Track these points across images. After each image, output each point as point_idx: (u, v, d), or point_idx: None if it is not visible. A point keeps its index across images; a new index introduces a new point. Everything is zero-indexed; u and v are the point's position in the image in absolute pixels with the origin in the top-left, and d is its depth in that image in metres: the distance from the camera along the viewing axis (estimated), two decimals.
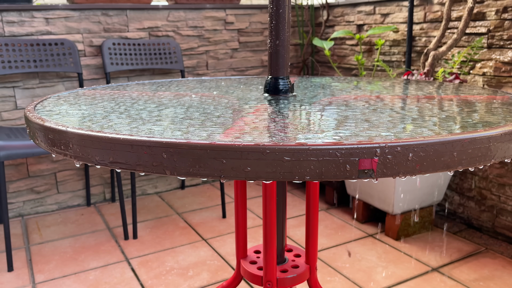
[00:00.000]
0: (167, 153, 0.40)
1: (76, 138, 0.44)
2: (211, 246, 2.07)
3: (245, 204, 0.85)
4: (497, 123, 0.48)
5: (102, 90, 0.86)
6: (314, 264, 0.85)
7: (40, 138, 0.50)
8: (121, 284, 1.77)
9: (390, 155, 0.38)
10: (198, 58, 2.73)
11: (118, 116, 0.57)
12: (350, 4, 2.70)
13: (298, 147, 0.37)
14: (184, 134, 0.44)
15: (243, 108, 0.61)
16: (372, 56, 2.62)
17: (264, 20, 2.88)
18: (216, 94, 0.78)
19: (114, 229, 2.26)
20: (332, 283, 1.75)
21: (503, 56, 1.95)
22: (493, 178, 2.07)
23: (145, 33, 2.54)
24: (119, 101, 0.70)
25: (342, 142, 0.38)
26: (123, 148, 0.41)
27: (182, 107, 0.63)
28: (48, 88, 2.36)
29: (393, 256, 1.94)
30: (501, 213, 2.05)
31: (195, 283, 1.76)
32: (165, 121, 0.53)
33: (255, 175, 0.38)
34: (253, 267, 0.83)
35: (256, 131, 0.46)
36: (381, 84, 0.92)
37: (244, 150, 0.38)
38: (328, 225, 2.27)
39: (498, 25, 1.95)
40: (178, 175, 0.40)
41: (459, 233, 2.16)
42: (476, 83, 2.09)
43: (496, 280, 1.75)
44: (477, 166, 0.42)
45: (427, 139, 0.40)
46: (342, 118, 0.52)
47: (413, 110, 0.58)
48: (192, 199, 2.65)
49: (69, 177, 2.49)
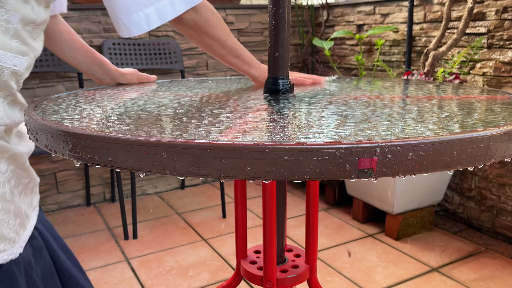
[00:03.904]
0: (167, 153, 0.40)
1: (76, 138, 0.44)
2: (211, 246, 2.07)
3: (245, 204, 0.85)
4: (497, 122, 0.48)
5: (102, 90, 0.86)
6: (314, 264, 0.85)
7: (40, 138, 0.50)
8: (121, 284, 1.77)
9: (390, 155, 0.38)
10: (198, 58, 2.73)
11: (118, 116, 0.57)
12: (350, 4, 2.70)
13: (298, 147, 0.37)
14: (184, 134, 0.44)
15: (243, 108, 0.61)
16: (372, 56, 2.62)
17: (264, 20, 2.88)
18: (216, 94, 0.78)
19: (114, 229, 2.26)
20: (332, 283, 1.75)
21: (503, 56, 1.95)
22: (493, 178, 2.07)
23: (145, 33, 2.54)
24: (119, 101, 0.70)
25: (342, 142, 0.38)
26: (123, 148, 0.41)
27: (182, 107, 0.63)
28: (48, 88, 2.36)
29: (393, 256, 1.94)
30: (501, 213, 2.05)
31: (195, 283, 1.76)
32: (165, 121, 0.53)
33: (255, 175, 0.38)
34: (253, 267, 0.83)
35: (256, 130, 0.46)
36: (381, 84, 0.92)
37: (243, 149, 0.38)
38: (328, 225, 2.27)
39: (498, 25, 1.95)
40: (178, 175, 0.40)
41: (459, 233, 2.16)
42: (476, 83, 2.09)
43: (496, 280, 1.75)
44: (476, 166, 0.42)
45: (427, 138, 0.40)
46: (342, 118, 0.52)
47: (413, 110, 0.58)
48: (192, 199, 2.65)
49: (69, 177, 2.49)
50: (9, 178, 0.68)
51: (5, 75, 0.66)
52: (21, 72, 0.69)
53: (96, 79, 0.95)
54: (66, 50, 0.92)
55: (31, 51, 0.71)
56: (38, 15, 0.70)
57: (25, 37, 0.68)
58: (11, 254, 0.67)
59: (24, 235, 0.71)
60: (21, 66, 0.68)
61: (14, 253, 0.68)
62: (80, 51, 0.93)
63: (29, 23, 0.69)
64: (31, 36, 0.70)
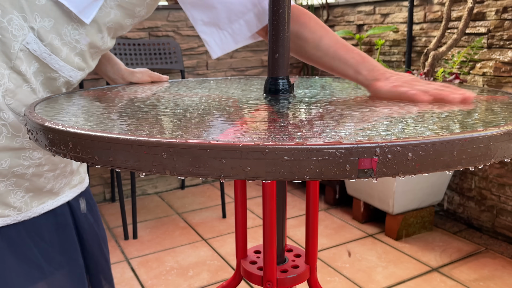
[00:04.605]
0: (167, 153, 0.40)
1: (76, 138, 0.44)
2: (211, 246, 2.07)
3: (245, 204, 0.85)
4: (497, 122, 0.48)
5: (102, 90, 0.86)
6: (314, 264, 0.85)
7: (40, 138, 0.50)
8: (121, 284, 1.77)
9: (390, 155, 0.38)
10: (198, 58, 2.73)
11: (118, 116, 0.57)
12: (350, 4, 2.70)
13: (298, 147, 0.37)
14: (184, 134, 0.44)
15: (243, 108, 0.61)
16: (372, 56, 2.62)
17: None
18: (216, 94, 0.78)
19: (114, 229, 2.26)
20: (332, 283, 1.75)
21: (503, 56, 1.95)
22: (493, 178, 2.07)
23: (145, 33, 2.54)
24: (119, 101, 0.70)
25: (342, 142, 0.38)
26: (123, 148, 0.41)
27: (181, 107, 0.63)
28: None
29: (393, 256, 1.94)
30: (501, 213, 2.05)
31: (195, 283, 1.76)
32: (164, 121, 0.53)
33: (255, 175, 0.38)
34: (253, 267, 0.83)
35: (256, 130, 0.46)
36: None
37: (243, 149, 0.38)
38: (328, 225, 2.27)
39: (498, 25, 1.95)
40: (178, 175, 0.40)
41: (459, 233, 2.16)
42: (476, 83, 2.09)
43: (496, 280, 1.75)
44: (477, 166, 0.42)
45: (427, 138, 0.40)
46: (342, 118, 0.52)
47: (413, 110, 0.58)
48: (192, 199, 2.65)
49: None
50: (41, 164, 0.77)
51: (59, 82, 0.77)
52: (73, 82, 0.80)
53: (108, 78, 0.99)
54: None
55: (87, 68, 0.80)
56: (104, 43, 0.79)
57: (86, 57, 0.78)
58: (15, 220, 0.76)
59: (38, 207, 0.80)
60: (75, 78, 0.79)
61: (18, 220, 0.76)
62: None
63: (95, 47, 0.78)
64: (91, 56, 0.80)
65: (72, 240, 0.86)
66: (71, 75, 0.77)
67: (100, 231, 0.94)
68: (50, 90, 0.77)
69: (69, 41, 0.74)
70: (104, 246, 0.95)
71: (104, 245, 0.95)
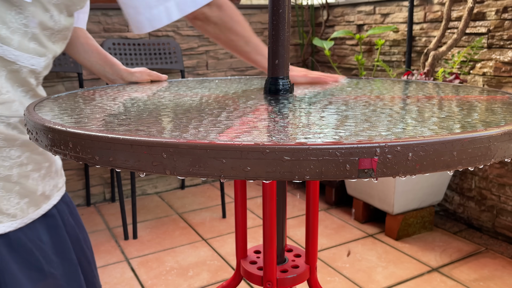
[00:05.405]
0: (167, 153, 0.40)
1: (76, 138, 0.44)
2: (211, 246, 2.07)
3: (245, 204, 0.85)
4: (497, 122, 0.48)
5: (102, 90, 0.86)
6: (314, 264, 0.85)
7: (40, 138, 0.50)
8: (121, 284, 1.77)
9: (390, 155, 0.38)
10: (198, 58, 2.73)
11: (118, 116, 0.57)
12: (350, 4, 2.70)
13: (298, 147, 0.37)
14: (184, 134, 0.44)
15: (243, 108, 0.61)
16: (372, 56, 2.62)
17: (264, 20, 2.87)
18: (216, 94, 0.78)
19: (114, 229, 2.26)
20: (332, 283, 1.75)
21: (503, 56, 1.95)
22: (493, 178, 2.07)
23: (145, 33, 2.54)
24: (119, 101, 0.70)
25: (342, 142, 0.38)
26: (123, 148, 0.41)
27: (181, 107, 0.63)
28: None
29: (393, 256, 1.94)
30: (501, 213, 2.05)
31: (195, 283, 1.76)
32: (165, 121, 0.53)
33: (255, 175, 0.38)
34: (253, 267, 0.83)
35: (256, 130, 0.46)
36: (381, 84, 0.92)
37: (244, 149, 0.38)
38: (328, 225, 2.27)
39: (498, 25, 1.95)
40: (178, 175, 0.40)
41: (459, 233, 2.16)
42: (476, 83, 2.09)
43: (496, 280, 1.75)
44: (477, 166, 0.42)
45: (427, 138, 0.40)
46: (342, 118, 0.52)
47: (413, 110, 0.58)
48: (192, 199, 2.65)
49: (69, 177, 2.49)
50: (23, 164, 0.75)
51: (23, 73, 0.73)
52: (39, 70, 0.76)
53: (107, 80, 0.99)
54: (81, 53, 0.99)
55: (49, 52, 0.76)
56: (57, 22, 0.75)
57: (43, 40, 0.74)
58: (10, 227, 0.74)
59: (34, 213, 0.78)
60: (39, 65, 0.75)
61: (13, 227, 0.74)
62: (93, 53, 0.99)
63: (47, 28, 0.74)
64: (49, 39, 0.76)
65: (64, 240, 0.85)
66: (33, 63, 0.73)
67: (82, 233, 0.92)
68: (18, 84, 0.73)
69: (17, 27, 0.70)
70: (86, 248, 0.93)
71: (86, 246, 0.93)
